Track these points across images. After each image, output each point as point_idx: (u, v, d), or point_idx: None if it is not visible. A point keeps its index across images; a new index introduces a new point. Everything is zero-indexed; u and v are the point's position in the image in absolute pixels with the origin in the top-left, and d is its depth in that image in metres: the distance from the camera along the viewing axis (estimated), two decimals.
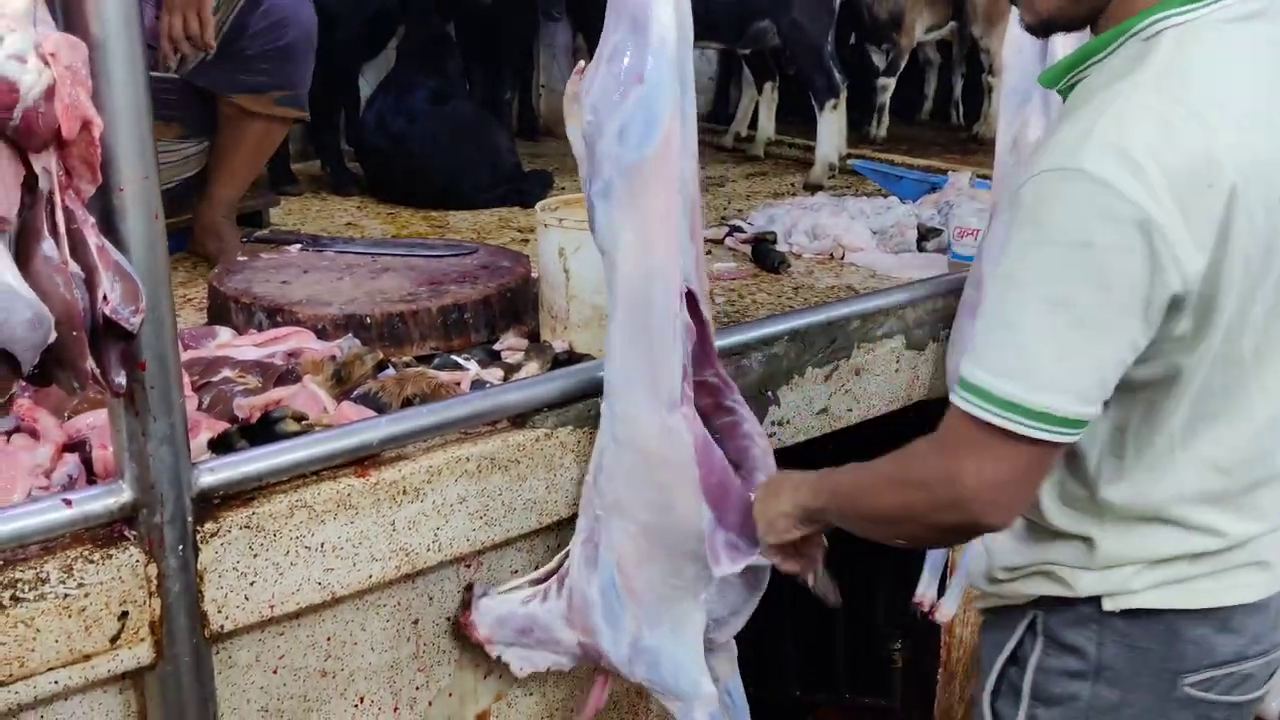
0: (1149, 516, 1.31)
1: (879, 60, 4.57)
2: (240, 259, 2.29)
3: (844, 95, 3.68)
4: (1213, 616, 1.32)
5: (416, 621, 1.75)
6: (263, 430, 1.55)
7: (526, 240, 2.91)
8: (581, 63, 1.54)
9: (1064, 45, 2.10)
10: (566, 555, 1.70)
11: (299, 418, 1.57)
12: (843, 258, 2.80)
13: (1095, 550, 1.32)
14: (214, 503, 1.48)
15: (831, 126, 3.64)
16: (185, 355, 1.88)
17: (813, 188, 3.59)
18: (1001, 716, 1.43)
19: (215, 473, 1.46)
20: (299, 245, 2.37)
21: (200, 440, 1.56)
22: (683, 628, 1.62)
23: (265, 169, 3.28)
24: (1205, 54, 1.19)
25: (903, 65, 4.58)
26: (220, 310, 2.09)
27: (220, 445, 1.54)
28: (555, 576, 1.71)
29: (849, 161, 3.72)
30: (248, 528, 1.49)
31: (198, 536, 1.44)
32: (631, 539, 1.59)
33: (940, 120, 5.13)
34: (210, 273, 2.22)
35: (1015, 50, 2.17)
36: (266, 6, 2.52)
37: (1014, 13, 2.16)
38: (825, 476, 1.45)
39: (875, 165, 3.62)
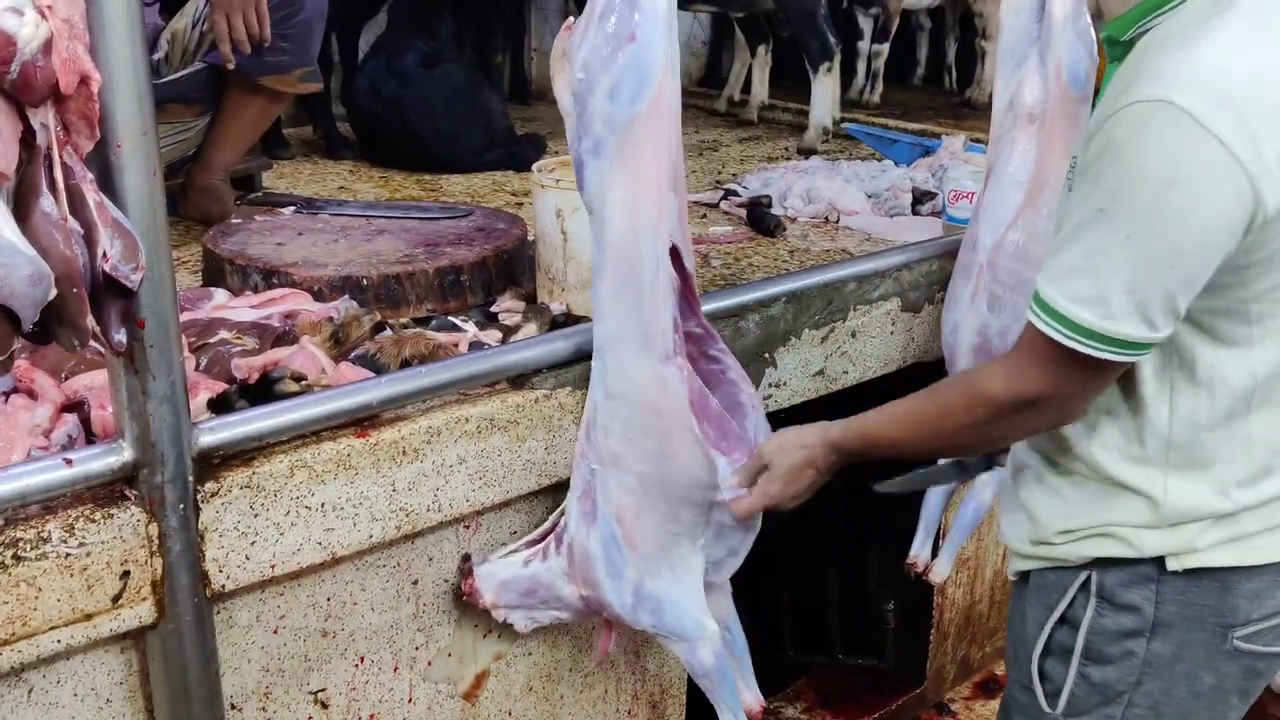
0: (1215, 446, 1.31)
1: (865, 25, 4.54)
2: (234, 221, 2.28)
3: (838, 59, 3.66)
4: (1268, 571, 1.34)
5: (416, 582, 1.75)
6: (262, 390, 1.55)
7: (521, 204, 2.90)
8: (571, 19, 1.53)
9: (1062, 5, 2.11)
10: (562, 513, 1.72)
11: (298, 378, 1.57)
12: (838, 221, 2.80)
13: (1159, 506, 1.32)
14: (214, 462, 1.48)
15: (825, 90, 3.63)
16: (181, 317, 1.87)
17: (806, 151, 3.58)
18: (1050, 676, 1.44)
19: (215, 432, 1.45)
20: (293, 207, 2.36)
21: (200, 400, 1.56)
22: (682, 572, 1.67)
23: None
24: None
25: (894, 30, 4.56)
26: (215, 272, 2.08)
27: (220, 405, 1.54)
28: (553, 534, 1.72)
29: (843, 125, 3.71)
30: (248, 487, 1.49)
31: (198, 496, 1.44)
32: (629, 491, 1.62)
33: (933, 85, 5.11)
34: (205, 235, 2.20)
35: (1012, 11, 2.16)
36: None
37: None
38: (860, 432, 1.50)
39: (869, 129, 3.61)
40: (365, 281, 1.96)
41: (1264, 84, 1.15)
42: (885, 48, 4.51)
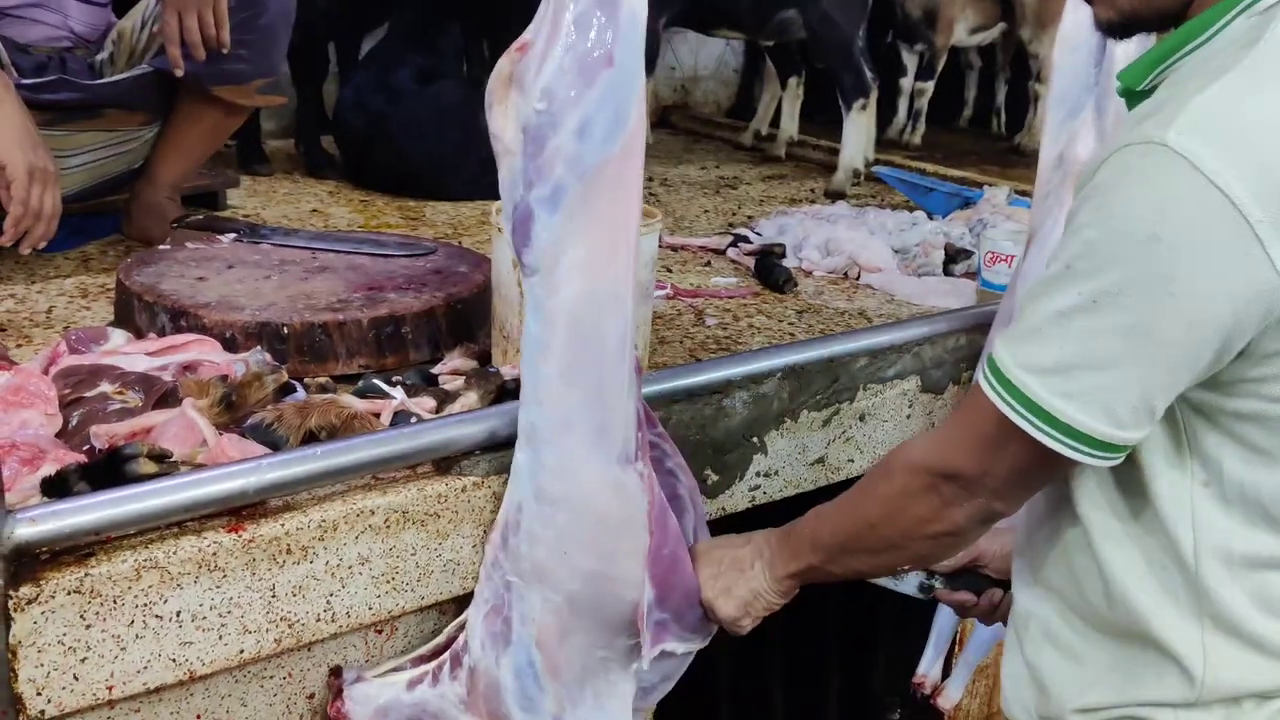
0: (1267, 589, 1.04)
1: (910, 61, 4.25)
2: (162, 248, 2.00)
3: (874, 95, 3.36)
4: None
5: (312, 696, 1.46)
6: (109, 470, 1.25)
7: None
8: (524, 37, 1.24)
9: (1125, 48, 1.79)
10: (460, 628, 1.43)
11: (159, 456, 1.28)
12: (858, 278, 2.49)
13: (1198, 678, 1.05)
14: (40, 559, 1.19)
15: (858, 129, 3.32)
16: (64, 361, 1.60)
17: (834, 195, 3.27)
18: None
19: (37, 524, 1.17)
20: (234, 234, 2.08)
21: (35, 478, 1.27)
22: (608, 701, 1.41)
23: (234, 145, 3.01)
24: None
25: (940, 67, 4.26)
26: (124, 308, 1.80)
27: (54, 487, 1.25)
28: (447, 653, 1.42)
29: (873, 169, 3.40)
30: (78, 592, 1.20)
31: (10, 603, 1.16)
32: (555, 612, 1.35)
33: (980, 128, 4.79)
34: (121, 263, 1.93)
35: (1068, 50, 1.85)
36: None
37: (1071, 6, 1.86)
38: (795, 532, 1.30)
39: (903, 174, 3.28)
40: (285, 330, 1.67)
41: None
42: (930, 86, 4.22)
